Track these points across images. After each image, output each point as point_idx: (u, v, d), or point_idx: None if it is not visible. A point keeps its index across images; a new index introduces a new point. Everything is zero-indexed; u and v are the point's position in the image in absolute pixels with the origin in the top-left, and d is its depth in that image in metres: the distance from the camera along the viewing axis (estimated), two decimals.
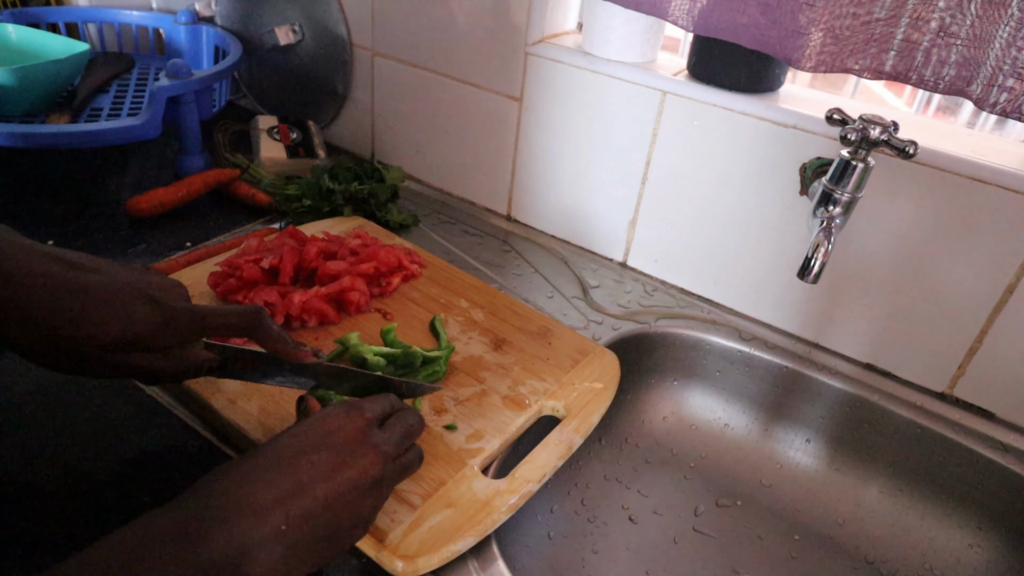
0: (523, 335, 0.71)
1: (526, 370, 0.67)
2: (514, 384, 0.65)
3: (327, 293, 0.69)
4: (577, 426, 0.61)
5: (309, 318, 0.68)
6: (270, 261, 0.70)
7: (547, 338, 0.71)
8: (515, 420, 0.61)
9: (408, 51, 0.95)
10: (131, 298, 0.45)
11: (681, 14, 0.69)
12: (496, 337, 0.70)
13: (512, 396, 0.63)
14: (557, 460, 0.58)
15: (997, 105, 0.56)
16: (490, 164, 0.94)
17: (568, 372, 0.67)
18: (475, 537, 0.50)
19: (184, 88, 0.88)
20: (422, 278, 0.78)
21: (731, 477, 0.75)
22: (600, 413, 0.64)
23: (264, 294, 0.67)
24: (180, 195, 0.86)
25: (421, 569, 0.48)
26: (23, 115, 0.93)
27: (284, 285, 0.70)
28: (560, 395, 0.64)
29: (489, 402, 0.62)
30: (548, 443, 0.59)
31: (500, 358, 0.68)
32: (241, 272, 0.69)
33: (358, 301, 0.70)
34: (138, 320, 0.45)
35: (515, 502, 0.53)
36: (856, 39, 0.61)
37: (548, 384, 0.65)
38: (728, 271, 0.81)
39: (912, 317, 0.71)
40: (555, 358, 0.69)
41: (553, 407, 0.63)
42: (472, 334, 0.70)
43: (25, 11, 1.05)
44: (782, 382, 0.76)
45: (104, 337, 0.44)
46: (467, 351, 0.68)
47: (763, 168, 0.73)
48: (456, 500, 0.52)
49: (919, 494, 0.71)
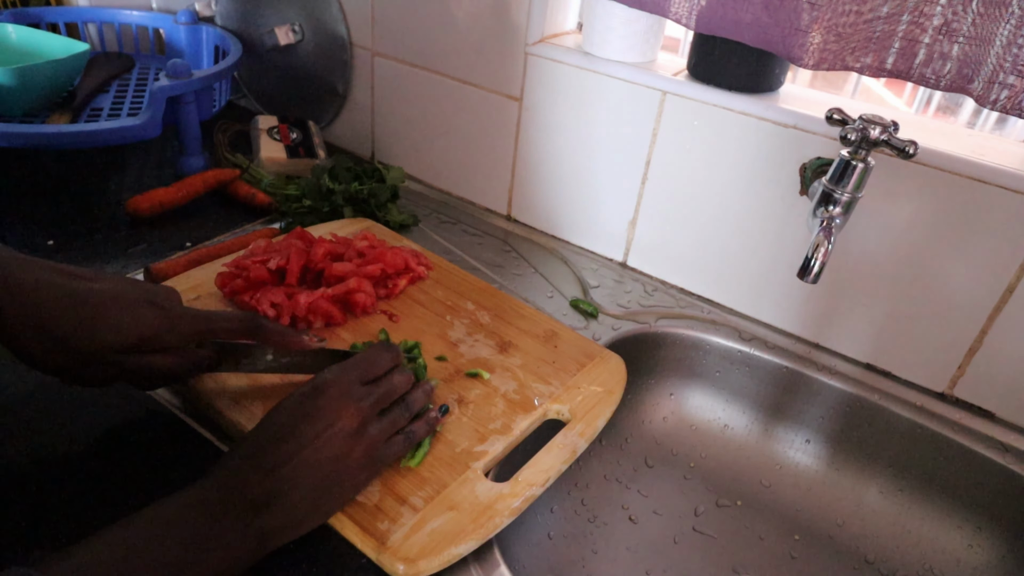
0: (529, 338, 0.71)
1: (531, 373, 0.66)
2: (519, 387, 0.64)
3: (333, 294, 0.69)
4: (582, 430, 0.61)
5: (315, 319, 0.68)
6: (277, 262, 0.70)
7: (553, 341, 0.71)
8: (520, 423, 0.60)
9: (408, 51, 0.95)
10: (137, 303, 0.49)
11: (683, 12, 0.69)
12: (502, 340, 0.70)
13: (517, 399, 0.63)
14: (561, 464, 0.57)
15: (998, 102, 0.56)
16: (490, 164, 0.94)
17: (574, 375, 0.67)
18: (477, 540, 0.50)
19: (184, 88, 0.88)
20: (428, 280, 0.78)
21: (731, 477, 0.75)
22: (605, 418, 0.63)
23: (271, 295, 0.67)
24: (180, 195, 0.86)
25: (422, 572, 0.48)
26: (23, 115, 0.93)
27: (291, 286, 0.70)
28: (565, 398, 0.64)
29: (494, 404, 0.62)
30: (552, 447, 0.58)
31: (506, 360, 0.67)
32: (248, 273, 0.69)
33: (364, 303, 0.70)
34: (145, 322, 0.49)
35: (518, 506, 0.53)
36: (858, 37, 0.61)
37: (553, 387, 0.65)
38: (728, 271, 0.81)
39: (912, 317, 0.71)
40: (561, 361, 0.68)
41: (558, 411, 0.63)
42: (478, 336, 0.70)
43: (25, 11, 1.05)
44: (782, 382, 0.76)
45: (120, 340, 0.48)
46: (472, 353, 0.68)
47: (763, 168, 0.73)
48: (459, 503, 0.52)
49: (919, 494, 0.71)
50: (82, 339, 0.47)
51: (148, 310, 0.49)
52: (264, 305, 0.66)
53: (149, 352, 0.50)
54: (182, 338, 0.51)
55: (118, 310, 0.48)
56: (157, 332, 0.49)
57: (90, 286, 0.48)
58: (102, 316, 0.47)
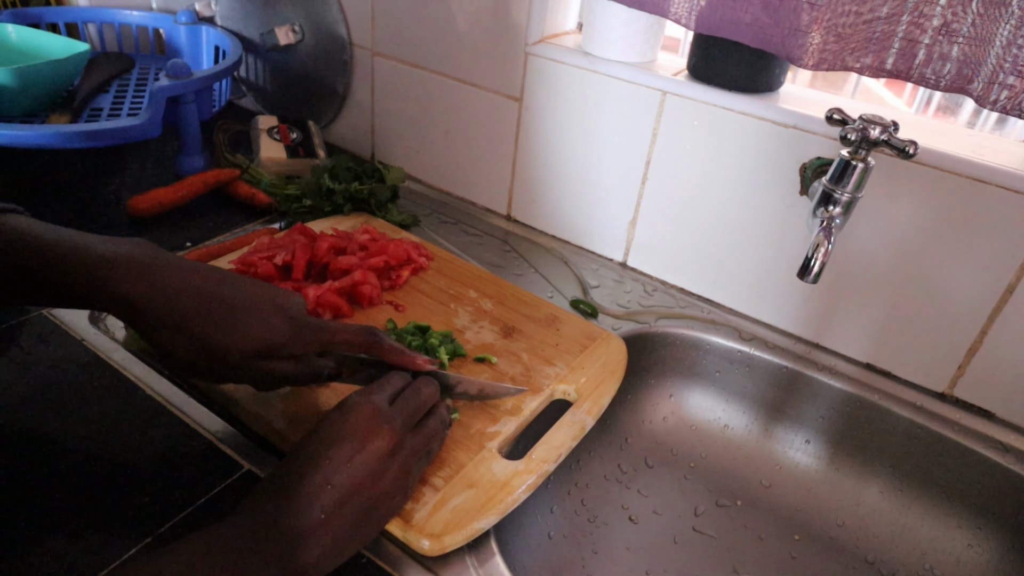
0: (531, 323, 0.73)
1: (537, 356, 0.68)
2: (526, 370, 0.67)
3: (340, 287, 0.70)
4: (589, 408, 0.63)
5: (324, 312, 0.69)
6: (283, 257, 0.72)
7: (555, 325, 0.73)
8: (529, 404, 0.63)
9: (408, 51, 0.95)
10: (268, 310, 0.51)
11: (683, 12, 0.69)
12: (505, 325, 0.72)
13: (524, 381, 0.65)
14: (571, 441, 0.60)
15: (998, 103, 0.56)
16: (490, 164, 0.94)
17: (577, 356, 0.69)
18: (497, 515, 0.52)
19: (184, 88, 0.88)
20: (430, 271, 0.79)
21: (731, 477, 0.75)
22: (610, 396, 0.66)
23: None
24: (180, 195, 0.86)
25: (447, 546, 0.50)
26: (23, 115, 0.93)
27: (297, 280, 0.71)
28: (571, 379, 0.66)
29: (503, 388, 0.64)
30: (562, 424, 0.61)
31: (510, 345, 0.70)
32: (255, 268, 0.71)
33: (370, 294, 0.72)
34: (275, 330, 0.50)
35: (533, 482, 0.55)
36: (858, 37, 0.61)
37: (559, 369, 0.67)
38: (728, 271, 0.81)
39: (912, 317, 0.71)
40: (564, 344, 0.71)
41: (564, 391, 0.65)
42: (482, 323, 0.72)
43: (25, 11, 1.05)
44: (782, 382, 0.76)
45: (249, 345, 0.49)
46: (478, 339, 0.70)
47: (763, 168, 0.73)
48: (477, 481, 0.54)
49: (919, 494, 0.71)
50: (216, 341, 0.48)
51: (278, 318, 0.50)
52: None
53: (275, 358, 0.51)
54: (306, 347, 0.52)
55: (250, 317, 0.49)
56: (284, 341, 0.51)
57: (226, 291, 0.50)
58: (236, 321, 0.49)
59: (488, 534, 0.53)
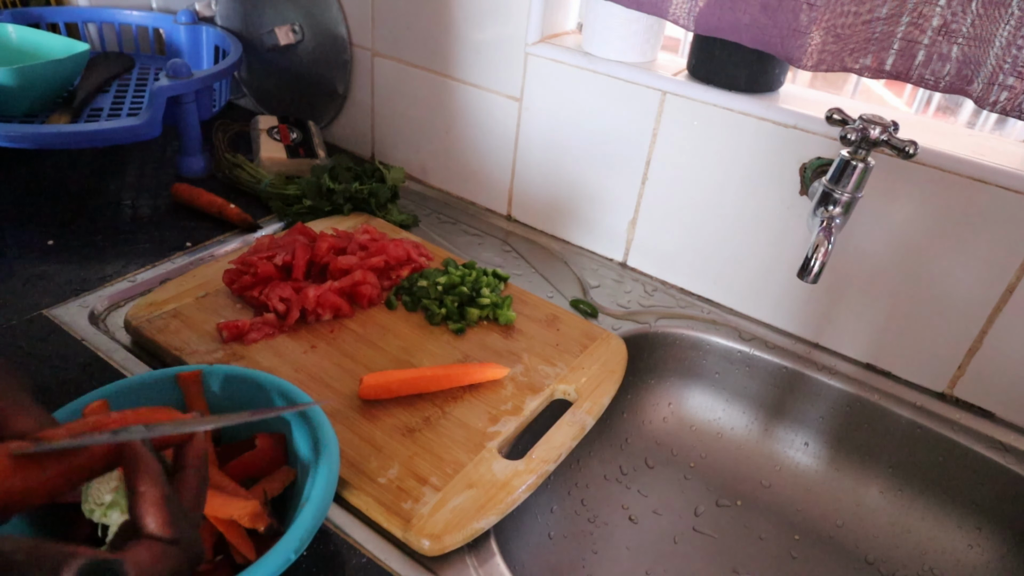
0: (532, 323, 0.73)
1: (537, 356, 0.69)
2: (526, 369, 0.67)
3: (340, 287, 0.70)
4: (589, 408, 0.63)
5: (324, 312, 0.69)
6: (283, 257, 0.72)
7: (555, 325, 0.73)
8: (529, 404, 0.63)
9: (408, 51, 0.95)
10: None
11: (682, 13, 0.69)
12: (506, 325, 0.73)
13: (525, 381, 0.65)
14: (571, 440, 0.60)
15: (997, 104, 0.56)
16: (490, 164, 0.94)
17: (577, 356, 0.69)
18: (497, 515, 0.52)
19: (184, 88, 0.88)
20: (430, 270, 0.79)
21: (731, 477, 0.75)
22: (610, 396, 0.66)
23: (279, 289, 0.69)
24: None
25: (447, 546, 0.50)
26: (23, 115, 0.93)
27: (297, 280, 0.71)
28: (571, 379, 0.66)
29: (504, 387, 0.64)
30: (562, 424, 0.61)
31: (511, 345, 0.70)
32: (255, 269, 0.71)
33: (370, 294, 0.72)
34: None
35: (533, 482, 0.55)
36: (857, 38, 0.61)
37: (559, 369, 0.67)
38: (728, 271, 0.81)
39: (912, 317, 0.71)
40: (564, 344, 0.71)
41: (564, 391, 0.66)
42: (483, 323, 0.73)
43: (25, 11, 1.05)
44: (782, 382, 0.76)
45: None
46: (478, 339, 0.70)
47: (763, 168, 0.73)
48: (477, 481, 0.54)
49: (919, 494, 0.71)
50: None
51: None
52: (273, 300, 0.68)
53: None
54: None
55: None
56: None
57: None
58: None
59: (488, 534, 0.53)
